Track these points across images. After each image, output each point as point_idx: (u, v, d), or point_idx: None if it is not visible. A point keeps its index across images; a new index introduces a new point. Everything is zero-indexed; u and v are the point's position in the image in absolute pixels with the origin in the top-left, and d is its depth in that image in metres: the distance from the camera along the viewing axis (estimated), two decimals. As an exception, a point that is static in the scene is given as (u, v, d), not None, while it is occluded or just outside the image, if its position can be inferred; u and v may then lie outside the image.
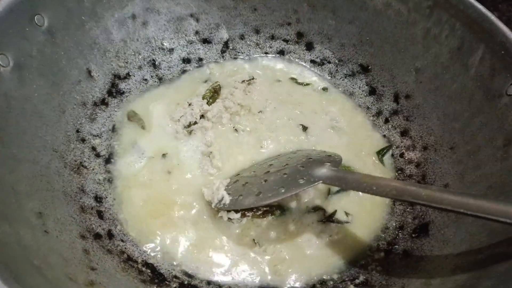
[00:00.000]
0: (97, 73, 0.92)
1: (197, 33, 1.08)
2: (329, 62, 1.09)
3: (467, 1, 0.78)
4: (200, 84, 1.04)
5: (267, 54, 1.12)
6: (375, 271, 0.76)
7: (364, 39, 1.01)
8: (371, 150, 0.95)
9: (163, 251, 0.78)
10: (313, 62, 1.10)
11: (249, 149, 0.92)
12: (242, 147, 0.92)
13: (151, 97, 1.00)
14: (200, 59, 1.09)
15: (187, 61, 1.08)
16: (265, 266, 0.78)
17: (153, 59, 1.04)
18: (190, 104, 0.96)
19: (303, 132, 0.95)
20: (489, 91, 0.75)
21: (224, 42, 1.11)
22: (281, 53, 1.12)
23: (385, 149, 0.95)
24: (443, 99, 0.86)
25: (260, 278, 0.77)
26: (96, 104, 0.91)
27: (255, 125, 0.95)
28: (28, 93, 0.73)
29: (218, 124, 0.95)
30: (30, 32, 0.74)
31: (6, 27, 0.69)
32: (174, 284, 0.74)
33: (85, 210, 0.77)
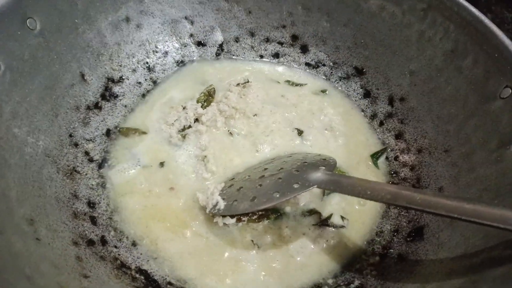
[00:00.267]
0: (90, 76, 0.91)
1: (191, 35, 1.08)
2: (324, 64, 1.08)
3: (461, 3, 0.78)
4: (194, 87, 1.03)
5: (262, 57, 1.12)
6: (370, 275, 0.76)
7: (358, 41, 1.01)
8: (365, 153, 0.95)
9: (156, 257, 0.77)
10: (308, 64, 1.10)
11: (244, 153, 0.91)
12: (237, 151, 0.91)
13: (145, 100, 1.00)
14: (194, 62, 1.09)
15: (181, 63, 1.08)
16: (260, 270, 0.77)
17: (147, 62, 1.03)
18: (184, 107, 0.96)
19: (299, 135, 0.95)
20: (483, 94, 0.75)
21: (218, 44, 1.10)
22: (276, 56, 1.12)
23: (380, 152, 0.95)
24: (437, 102, 0.86)
25: (255, 283, 0.76)
26: (89, 108, 0.90)
27: (250, 129, 0.95)
28: (20, 97, 0.73)
29: (212, 127, 0.94)
30: (22, 35, 0.73)
31: (-3, 31, 0.68)
32: (168, 290, 0.73)
33: (77, 216, 0.76)
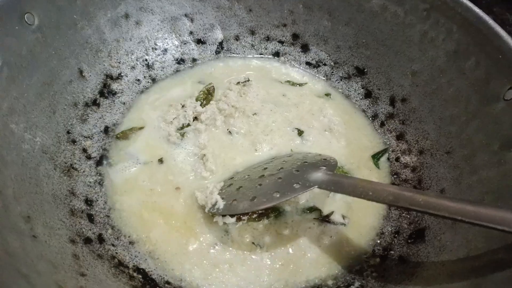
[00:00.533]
0: (88, 73, 0.90)
1: (191, 33, 1.07)
2: (324, 64, 1.08)
3: (464, 4, 0.78)
4: (193, 85, 1.02)
5: (262, 55, 1.11)
6: (370, 277, 0.75)
7: (360, 41, 1.00)
8: (366, 154, 0.94)
9: (154, 256, 0.76)
10: (308, 64, 1.09)
11: (243, 152, 0.90)
12: (236, 150, 0.91)
13: (144, 98, 0.99)
14: (194, 60, 1.08)
15: (181, 61, 1.07)
16: (259, 270, 0.76)
17: (146, 59, 1.02)
18: (183, 105, 0.95)
19: (299, 135, 0.94)
20: (486, 96, 0.75)
21: (218, 42, 1.10)
22: (276, 54, 1.11)
23: (380, 153, 0.94)
24: (439, 103, 0.85)
25: (254, 283, 0.75)
26: (87, 104, 0.89)
27: (250, 128, 0.94)
28: (17, 92, 0.72)
29: (211, 126, 0.93)
30: (19, 30, 0.72)
31: (-6, 26, 0.67)
32: (166, 290, 0.73)
33: (75, 213, 0.75)
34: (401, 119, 0.94)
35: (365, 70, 1.02)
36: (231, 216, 0.77)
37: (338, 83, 1.06)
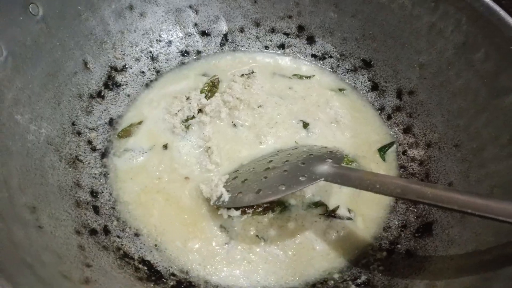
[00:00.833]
0: (93, 64, 0.90)
1: (196, 25, 1.06)
2: (330, 56, 1.07)
3: (474, -6, 0.76)
4: (198, 77, 1.02)
5: (267, 47, 1.10)
6: (377, 271, 0.74)
7: (367, 33, 0.99)
8: (373, 147, 0.93)
9: (159, 247, 0.76)
10: (314, 56, 1.08)
11: (248, 144, 0.90)
12: (241, 143, 0.90)
13: (148, 90, 0.99)
14: (198, 52, 1.07)
15: (185, 53, 1.06)
16: (264, 264, 0.76)
17: (150, 51, 1.02)
18: (188, 98, 0.94)
19: (304, 128, 0.93)
20: (495, 88, 0.74)
21: (223, 34, 1.09)
22: (281, 46, 1.10)
23: (387, 146, 0.93)
24: (447, 96, 0.84)
25: (259, 278, 0.75)
26: (92, 96, 0.89)
27: (254, 120, 0.93)
28: (22, 83, 0.71)
29: (216, 118, 0.93)
30: (24, 21, 0.72)
31: (-1, 16, 0.67)
32: (171, 282, 0.72)
33: (80, 205, 0.75)
34: (408, 112, 0.93)
35: (372, 62, 1.01)
36: (236, 209, 0.77)
37: (344, 75, 1.05)
